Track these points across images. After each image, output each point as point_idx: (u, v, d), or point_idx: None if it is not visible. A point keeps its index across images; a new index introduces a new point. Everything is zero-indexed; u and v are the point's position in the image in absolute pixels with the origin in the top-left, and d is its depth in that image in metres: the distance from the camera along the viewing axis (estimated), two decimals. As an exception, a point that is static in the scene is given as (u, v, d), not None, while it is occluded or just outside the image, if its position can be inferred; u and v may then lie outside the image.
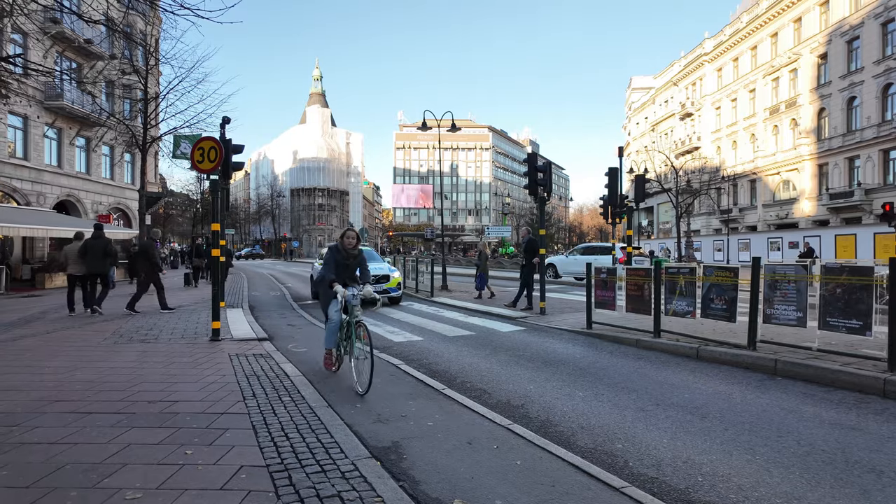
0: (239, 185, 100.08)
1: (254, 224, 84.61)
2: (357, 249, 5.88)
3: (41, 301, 14.17)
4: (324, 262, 5.82)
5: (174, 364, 6.21)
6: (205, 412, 4.32)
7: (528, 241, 12.34)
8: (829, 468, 3.42)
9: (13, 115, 20.89)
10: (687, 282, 7.38)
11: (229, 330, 8.83)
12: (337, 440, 3.69)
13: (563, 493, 3.05)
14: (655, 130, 57.00)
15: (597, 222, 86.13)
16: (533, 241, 12.25)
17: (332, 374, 6.04)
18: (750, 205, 41.30)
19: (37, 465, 3.24)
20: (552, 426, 4.32)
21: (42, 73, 12.19)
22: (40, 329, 9.05)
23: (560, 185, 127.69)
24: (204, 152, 7.84)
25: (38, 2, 8.82)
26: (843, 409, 4.62)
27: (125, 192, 28.31)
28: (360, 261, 5.87)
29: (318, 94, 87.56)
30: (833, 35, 32.96)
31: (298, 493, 2.87)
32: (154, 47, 22.39)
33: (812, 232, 28.64)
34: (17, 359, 6.58)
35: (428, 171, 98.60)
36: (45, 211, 21.44)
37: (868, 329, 5.38)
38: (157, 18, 22.05)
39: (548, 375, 6.01)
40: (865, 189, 30.45)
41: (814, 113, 34.93)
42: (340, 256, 5.78)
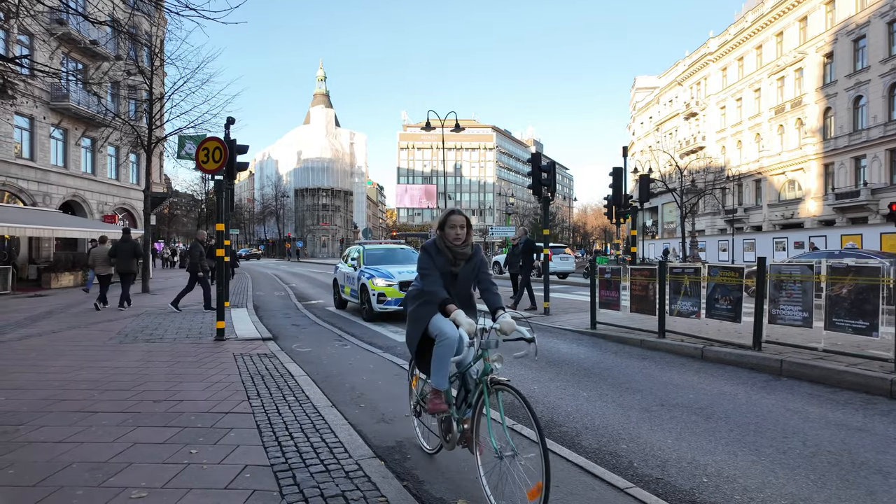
0: (243, 186, 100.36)
1: (258, 224, 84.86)
2: (470, 246, 3.35)
3: (47, 301, 14.25)
4: (420, 269, 3.28)
5: (179, 364, 6.23)
6: (209, 411, 4.34)
7: (526, 242, 12.17)
8: (835, 469, 3.40)
9: (20, 115, 21.00)
10: (692, 282, 7.35)
11: (234, 330, 8.86)
12: (341, 440, 3.70)
13: (567, 494, 3.04)
14: (660, 130, 56.81)
15: (601, 222, 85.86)
16: (530, 242, 12.15)
17: (335, 375, 6.02)
18: (755, 205, 41.10)
19: (42, 464, 3.25)
20: (556, 426, 4.31)
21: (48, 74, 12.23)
22: (46, 329, 9.10)
23: (564, 185, 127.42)
24: (209, 153, 7.87)
25: (44, 3, 8.87)
26: (849, 409, 4.59)
27: (130, 193, 28.42)
28: (475, 267, 3.40)
29: (322, 95, 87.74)
30: (839, 34, 32.76)
31: (303, 493, 2.87)
32: (159, 48, 22.47)
33: (818, 232, 28.46)
34: (23, 358, 6.62)
35: (432, 171, 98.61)
36: (51, 211, 21.55)
37: (875, 329, 5.35)
38: (163, 19, 22.13)
39: (552, 375, 6.00)
40: (872, 189, 30.25)
41: (819, 112, 34.73)
42: (442, 259, 3.28)
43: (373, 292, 10.22)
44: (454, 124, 21.70)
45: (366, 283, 10.53)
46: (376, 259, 11.74)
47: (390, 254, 12.32)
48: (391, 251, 12.58)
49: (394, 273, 10.53)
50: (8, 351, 7.13)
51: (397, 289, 10.13)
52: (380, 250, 12.46)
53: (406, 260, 12.07)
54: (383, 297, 10.17)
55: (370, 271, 10.72)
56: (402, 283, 10.16)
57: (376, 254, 12.13)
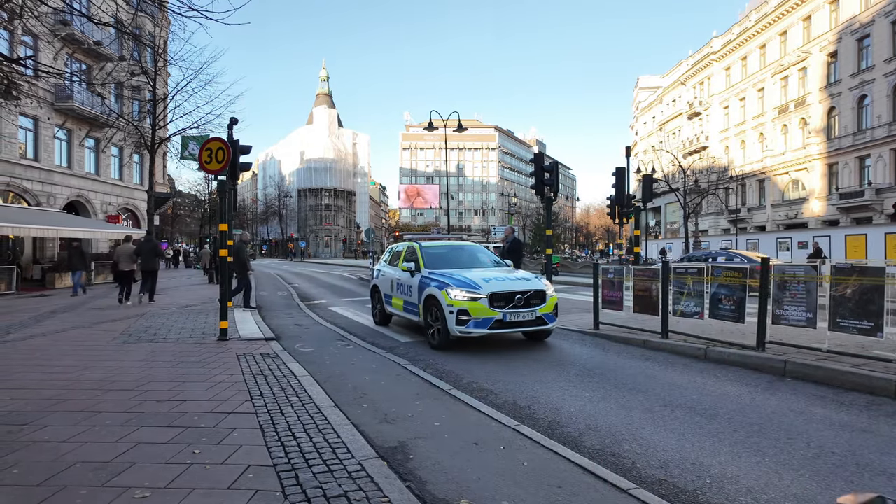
0: (246, 186, 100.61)
1: (261, 224, 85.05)
2: None
3: (51, 301, 14.30)
4: None
5: (182, 363, 6.24)
6: (213, 411, 4.35)
7: (513, 241, 11.74)
8: (839, 471, 3.38)
9: (24, 116, 21.10)
10: (695, 282, 7.34)
11: (237, 330, 8.88)
12: (344, 440, 3.70)
13: (570, 495, 3.04)
14: (663, 130, 56.70)
15: (604, 222, 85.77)
16: (518, 241, 11.80)
17: (338, 375, 6.04)
18: (759, 205, 40.98)
19: (46, 464, 3.27)
20: (559, 427, 4.30)
21: (52, 75, 12.31)
22: (50, 328, 9.14)
23: (567, 185, 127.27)
24: (212, 153, 7.90)
25: (48, 4, 8.91)
26: (853, 411, 4.57)
27: (134, 193, 28.53)
28: None
29: (325, 95, 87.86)
30: (843, 33, 32.64)
31: (305, 493, 2.87)
32: (162, 49, 22.56)
33: (822, 232, 28.35)
34: (27, 358, 6.65)
35: (434, 171, 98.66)
36: (55, 211, 21.65)
37: (879, 330, 5.32)
38: (166, 20, 22.20)
39: (554, 376, 5.99)
40: (876, 188, 30.13)
41: (824, 112, 34.61)
42: None
43: (449, 308, 7.18)
44: (457, 124, 21.71)
45: (435, 294, 7.53)
46: (441, 260, 8.71)
47: (457, 253, 9.31)
48: (457, 249, 9.53)
49: (477, 281, 7.41)
50: (12, 351, 7.16)
51: (487, 304, 7.07)
52: (442, 248, 9.39)
53: (481, 261, 9.04)
54: (465, 316, 7.07)
55: (439, 278, 7.75)
56: (494, 295, 7.14)
57: (439, 253, 9.04)
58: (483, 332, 7.08)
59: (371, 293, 10.52)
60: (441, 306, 7.30)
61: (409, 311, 8.57)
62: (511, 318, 7.15)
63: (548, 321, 7.45)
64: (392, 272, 9.40)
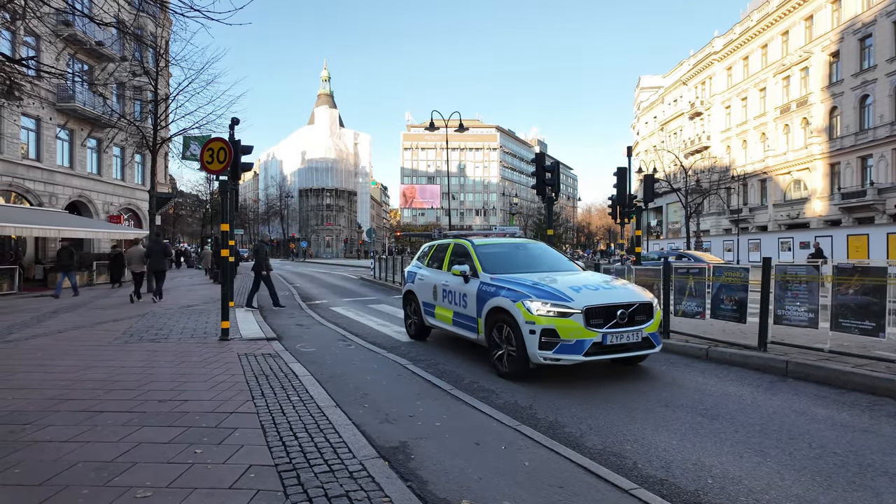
0: (248, 186, 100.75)
1: (263, 224, 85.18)
2: None
3: (53, 301, 14.33)
4: None
5: (184, 363, 6.25)
6: (214, 411, 4.35)
7: None
8: (841, 471, 3.38)
9: (26, 116, 21.14)
10: (696, 282, 7.33)
11: (238, 330, 8.88)
12: (345, 440, 3.70)
13: (571, 495, 3.03)
14: (664, 130, 56.64)
15: (605, 222, 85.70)
16: None
17: (339, 375, 6.04)
18: (760, 204, 40.92)
19: (49, 464, 3.27)
20: (560, 427, 4.30)
21: (54, 75, 12.33)
22: (52, 328, 9.15)
23: (568, 185, 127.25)
24: (213, 153, 7.90)
25: (50, 5, 8.92)
26: (855, 411, 4.57)
27: (136, 193, 28.56)
28: None
29: (327, 95, 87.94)
30: (845, 33, 32.58)
31: (307, 493, 2.88)
32: (164, 49, 22.58)
33: (824, 232, 28.31)
34: (29, 358, 6.66)
35: (436, 171, 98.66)
36: (57, 211, 21.68)
37: (881, 330, 5.32)
38: (168, 20, 22.25)
39: (556, 376, 5.98)
40: (878, 188, 30.07)
41: (825, 112, 34.55)
42: None
43: (528, 326, 5.47)
44: (458, 124, 21.70)
45: (505, 306, 5.82)
46: (503, 262, 6.94)
47: (521, 252, 7.49)
48: (520, 248, 7.65)
49: (564, 290, 5.71)
50: (14, 350, 7.18)
51: (582, 322, 5.36)
52: (501, 246, 7.54)
53: (554, 263, 7.23)
54: (552, 338, 5.36)
55: (509, 285, 6.02)
56: (591, 310, 5.43)
57: (498, 253, 7.25)
58: (577, 358, 5.33)
59: (404, 301, 8.79)
60: (516, 323, 5.59)
61: (461, 325, 6.83)
62: (612, 339, 5.42)
63: (655, 343, 5.75)
64: (434, 276, 7.73)
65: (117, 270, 19.79)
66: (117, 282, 19.72)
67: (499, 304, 5.95)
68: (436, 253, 8.25)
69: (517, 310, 5.62)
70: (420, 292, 8.11)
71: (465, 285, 6.76)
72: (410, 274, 8.69)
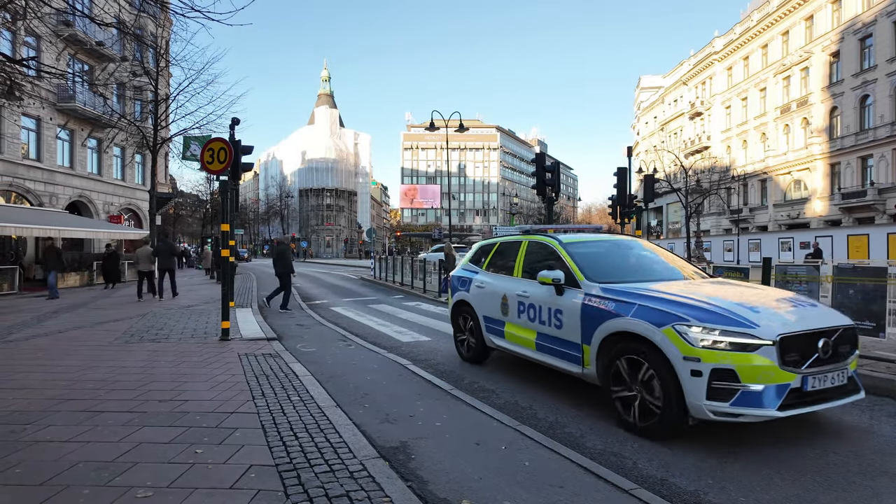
0: (248, 186, 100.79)
1: (263, 224, 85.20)
2: None
3: (53, 301, 14.33)
4: None
5: (184, 363, 6.26)
6: (215, 411, 4.36)
7: None
8: (841, 471, 3.38)
9: (26, 116, 21.15)
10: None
11: (238, 330, 8.89)
12: (345, 440, 3.71)
13: (571, 495, 3.04)
14: (664, 130, 56.64)
15: (605, 222, 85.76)
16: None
17: (339, 375, 6.04)
18: (760, 204, 40.92)
19: (49, 463, 3.28)
20: (561, 427, 4.30)
21: (55, 76, 12.35)
22: (53, 328, 9.16)
23: (568, 185, 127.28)
24: (214, 153, 7.91)
25: (50, 5, 8.93)
26: (855, 411, 4.57)
27: (136, 193, 28.58)
28: None
29: (327, 95, 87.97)
30: (845, 33, 32.58)
31: (307, 493, 2.88)
32: (164, 49, 22.61)
33: (824, 232, 28.30)
34: (30, 358, 6.67)
35: (436, 171, 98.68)
36: (57, 211, 21.70)
37: (882, 330, 5.33)
38: (168, 21, 22.26)
39: (556, 376, 5.98)
40: (879, 189, 30.07)
41: (826, 112, 34.56)
42: None
43: (691, 365, 3.77)
44: (458, 124, 21.70)
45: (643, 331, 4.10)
46: (608, 266, 5.27)
47: (624, 252, 5.80)
48: (621, 246, 5.91)
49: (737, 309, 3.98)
50: (15, 351, 7.18)
51: (776, 359, 3.69)
52: (598, 244, 5.77)
53: (669, 269, 5.46)
54: (730, 383, 3.67)
55: (638, 299, 4.33)
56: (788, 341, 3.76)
57: (598, 253, 5.53)
58: (767, 413, 3.61)
59: (453, 313, 7.10)
60: (664, 359, 3.90)
61: (551, 351, 5.08)
62: (814, 383, 3.75)
63: (859, 385, 4.06)
64: (503, 283, 6.02)
65: (111, 271, 19.17)
66: (112, 282, 19.11)
67: (627, 327, 4.19)
68: (500, 253, 6.52)
69: (666, 339, 3.87)
70: (479, 304, 6.41)
71: (557, 298, 4.97)
72: (461, 280, 6.99)
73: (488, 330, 6.25)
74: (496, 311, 6.05)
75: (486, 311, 6.27)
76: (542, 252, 5.69)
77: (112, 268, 19.08)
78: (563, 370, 4.95)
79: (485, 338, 6.36)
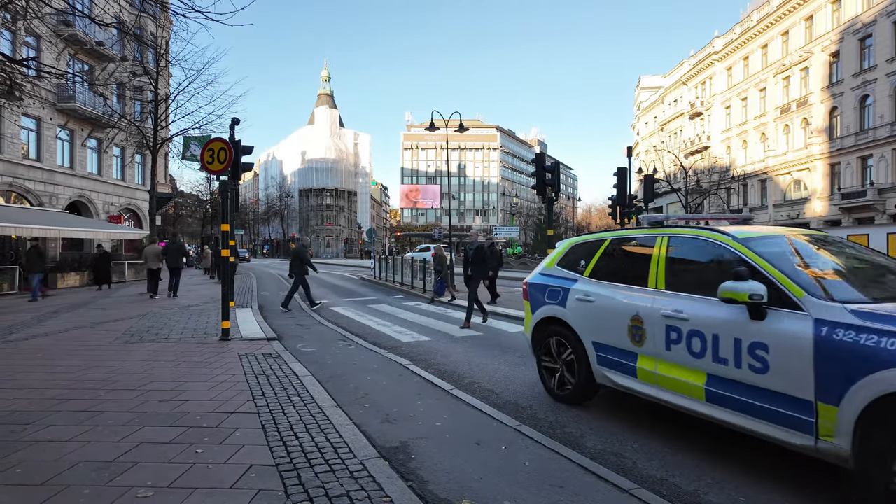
0: (248, 186, 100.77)
1: (262, 224, 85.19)
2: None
3: (53, 301, 14.34)
4: None
5: (184, 363, 6.26)
6: (215, 411, 4.36)
7: (476, 249, 10.26)
8: (841, 470, 3.38)
9: (26, 116, 21.16)
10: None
11: (239, 330, 8.89)
12: (346, 440, 3.71)
13: (571, 495, 3.04)
14: (664, 130, 56.65)
15: (605, 222, 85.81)
16: (482, 250, 10.27)
17: (339, 375, 6.04)
18: (760, 204, 40.92)
19: (49, 463, 3.28)
20: (561, 427, 4.30)
21: (55, 76, 12.36)
22: (53, 328, 9.16)
23: (568, 185, 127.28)
24: (214, 153, 7.91)
25: (51, 5, 8.93)
26: None
27: (136, 193, 28.58)
28: None
29: (327, 95, 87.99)
30: (845, 33, 32.59)
31: (308, 493, 2.88)
32: (164, 49, 22.61)
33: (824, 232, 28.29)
34: (30, 358, 6.67)
35: (436, 171, 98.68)
36: (57, 211, 21.70)
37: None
38: (168, 21, 22.28)
39: (556, 376, 5.98)
40: (878, 189, 30.07)
41: (825, 112, 34.56)
42: None
43: None
44: (458, 124, 21.70)
45: None
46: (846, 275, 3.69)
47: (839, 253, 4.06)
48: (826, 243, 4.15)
49: None
50: (15, 351, 7.18)
51: None
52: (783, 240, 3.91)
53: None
54: None
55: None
56: None
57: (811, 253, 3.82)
58: None
59: (536, 334, 5.29)
60: None
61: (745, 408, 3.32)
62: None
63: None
64: (629, 298, 4.34)
65: (102, 271, 18.79)
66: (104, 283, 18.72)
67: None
68: (613, 254, 4.82)
69: None
70: (586, 325, 4.66)
71: (752, 325, 3.30)
72: (549, 290, 5.13)
73: (603, 362, 4.47)
74: (619, 338, 4.30)
75: (600, 335, 4.51)
76: (701, 252, 4.04)
77: (103, 269, 18.77)
78: (767, 437, 3.19)
79: (595, 372, 4.57)
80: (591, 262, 4.89)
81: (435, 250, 15.55)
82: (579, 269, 4.99)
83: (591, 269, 4.86)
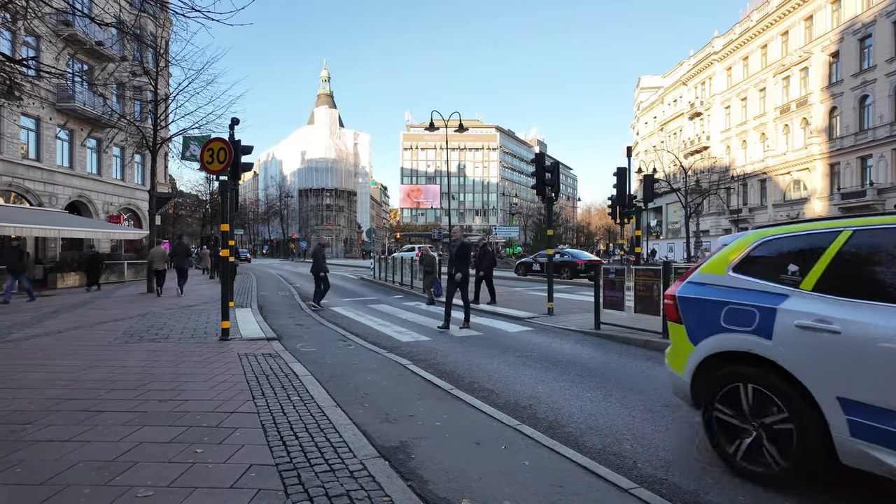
0: (248, 186, 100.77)
1: (262, 224, 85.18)
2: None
3: (53, 301, 14.33)
4: None
5: (184, 363, 6.26)
6: (215, 411, 4.36)
7: (460, 246, 9.58)
8: (841, 474, 3.38)
9: (26, 116, 21.14)
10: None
11: (238, 330, 8.89)
12: (345, 439, 3.71)
13: (571, 494, 3.04)
14: (664, 130, 56.67)
15: (605, 222, 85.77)
16: (466, 247, 9.60)
17: (339, 374, 6.05)
18: (760, 205, 40.94)
19: (50, 463, 3.28)
20: (560, 427, 4.31)
21: (54, 75, 12.34)
22: (52, 328, 9.16)
23: (568, 185, 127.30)
24: (213, 153, 7.91)
25: (50, 5, 8.92)
26: None
27: (135, 193, 28.57)
28: None
29: (326, 95, 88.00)
30: (845, 33, 32.61)
31: (307, 493, 2.88)
32: (164, 49, 22.56)
33: (823, 232, 28.28)
34: (30, 358, 6.67)
35: (435, 171, 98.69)
36: (57, 211, 21.69)
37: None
38: (168, 21, 22.25)
39: (556, 376, 5.99)
40: (878, 188, 30.10)
41: (825, 112, 34.58)
42: None
43: None
44: (458, 124, 21.70)
45: None
46: None
47: None
48: None
49: None
50: (15, 350, 7.18)
51: None
52: None
53: None
54: None
55: None
56: None
57: None
58: None
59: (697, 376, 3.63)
60: None
61: None
62: None
63: None
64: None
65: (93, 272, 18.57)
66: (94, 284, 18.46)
67: None
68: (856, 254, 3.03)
69: None
70: (825, 369, 2.90)
71: None
72: (734, 310, 3.42)
73: (864, 433, 2.72)
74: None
75: (856, 389, 2.77)
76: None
77: (94, 269, 18.61)
78: None
79: (840, 447, 2.84)
80: (816, 267, 3.12)
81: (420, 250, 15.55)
82: (788, 279, 3.25)
83: (817, 279, 3.08)
